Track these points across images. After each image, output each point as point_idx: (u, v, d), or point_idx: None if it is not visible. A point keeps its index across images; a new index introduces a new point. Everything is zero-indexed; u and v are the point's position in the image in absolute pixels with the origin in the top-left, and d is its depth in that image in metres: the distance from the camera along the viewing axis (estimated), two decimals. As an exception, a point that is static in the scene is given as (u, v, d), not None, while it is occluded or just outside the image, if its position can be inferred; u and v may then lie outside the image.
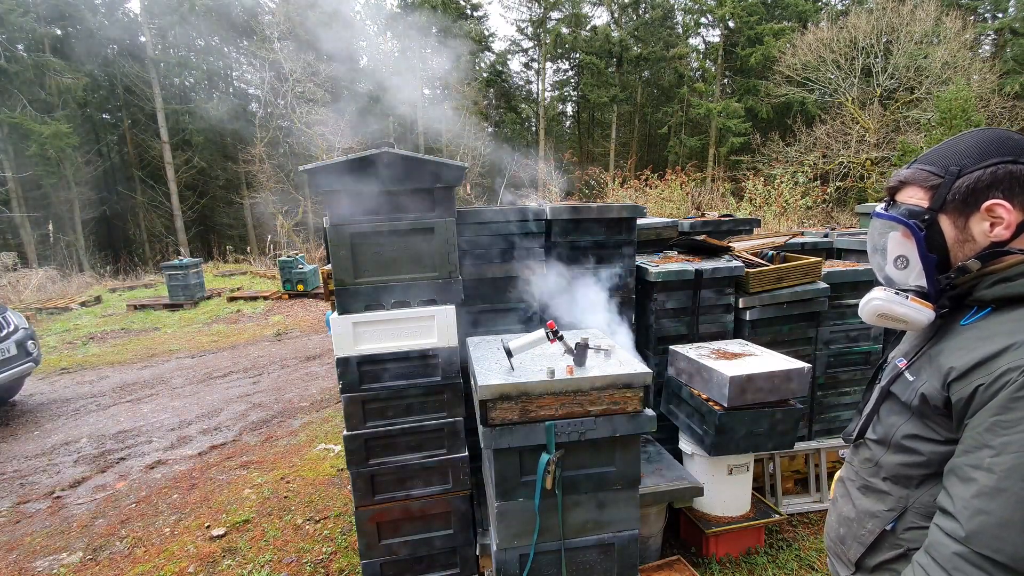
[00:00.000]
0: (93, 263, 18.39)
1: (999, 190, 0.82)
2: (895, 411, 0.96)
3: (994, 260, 0.84)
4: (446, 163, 1.99)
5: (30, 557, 2.87)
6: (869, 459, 1.02)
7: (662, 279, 2.72)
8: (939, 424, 0.88)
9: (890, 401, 0.98)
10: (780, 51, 18.94)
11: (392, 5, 26.01)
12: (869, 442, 1.03)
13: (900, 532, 0.94)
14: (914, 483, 0.92)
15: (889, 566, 0.96)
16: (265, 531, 2.99)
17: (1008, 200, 0.82)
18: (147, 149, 22.42)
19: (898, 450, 0.94)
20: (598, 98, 27.66)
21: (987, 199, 0.83)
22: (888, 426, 0.97)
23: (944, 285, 0.88)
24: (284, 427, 4.50)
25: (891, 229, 0.94)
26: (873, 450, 1.01)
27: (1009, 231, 0.83)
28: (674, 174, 12.63)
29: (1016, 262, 0.82)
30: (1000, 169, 0.82)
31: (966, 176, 0.84)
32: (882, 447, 0.98)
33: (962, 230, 0.87)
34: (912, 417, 0.92)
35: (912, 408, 0.91)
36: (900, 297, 0.91)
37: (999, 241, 0.84)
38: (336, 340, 2.02)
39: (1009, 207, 0.82)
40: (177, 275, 10.01)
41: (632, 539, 1.83)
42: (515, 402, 1.64)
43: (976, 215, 0.85)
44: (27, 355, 4.98)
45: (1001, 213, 0.83)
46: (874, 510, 0.98)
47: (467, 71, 25.56)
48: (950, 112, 12.18)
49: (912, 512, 0.93)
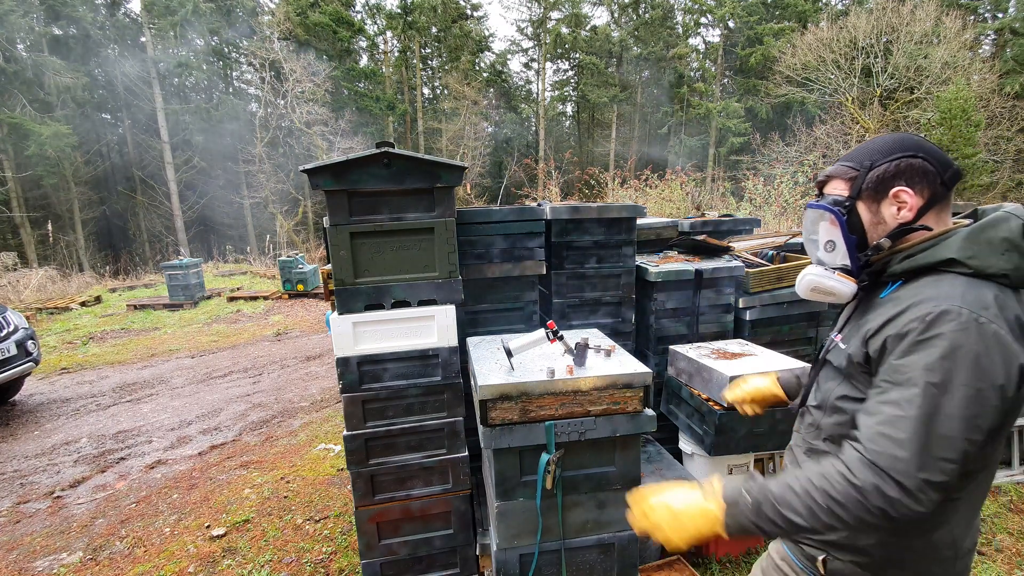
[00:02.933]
0: (93, 263, 18.41)
1: (903, 179, 0.98)
2: (830, 377, 1.09)
3: (902, 239, 0.99)
4: (446, 163, 1.99)
5: (30, 557, 2.87)
6: (812, 424, 1.13)
7: (662, 279, 2.72)
8: (861, 382, 1.00)
9: (827, 368, 1.11)
10: (780, 51, 18.94)
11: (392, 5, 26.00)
12: (811, 408, 1.14)
13: None
14: (844, 429, 1.04)
15: None
16: (265, 531, 2.99)
17: (910, 187, 0.98)
18: (147, 149, 22.42)
19: (833, 411, 1.06)
20: (598, 98, 27.65)
21: (893, 187, 0.99)
22: (825, 391, 1.10)
23: (864, 262, 1.03)
24: (284, 427, 4.50)
25: (821, 218, 1.08)
26: (814, 415, 1.12)
27: (912, 213, 0.98)
28: (674, 174, 12.63)
29: (918, 240, 0.98)
30: (903, 162, 0.98)
31: (877, 168, 1.00)
32: (820, 411, 1.10)
33: (875, 214, 1.02)
34: (843, 380, 1.05)
35: (842, 371, 1.05)
36: (829, 272, 1.06)
37: (905, 222, 0.99)
38: (336, 340, 2.02)
39: (911, 193, 0.98)
40: (177, 275, 10.01)
41: (632, 539, 1.83)
42: (515, 402, 1.64)
43: (885, 201, 1.00)
44: (27, 355, 4.98)
45: (905, 198, 0.98)
46: (809, 461, 1.09)
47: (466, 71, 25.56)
48: (950, 112, 12.19)
49: None
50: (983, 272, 0.89)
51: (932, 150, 0.98)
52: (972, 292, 0.88)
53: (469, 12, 28.10)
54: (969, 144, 12.33)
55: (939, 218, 0.99)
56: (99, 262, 18.13)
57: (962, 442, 0.83)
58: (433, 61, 29.42)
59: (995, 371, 0.83)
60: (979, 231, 0.92)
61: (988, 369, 0.83)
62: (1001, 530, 2.68)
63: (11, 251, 14.23)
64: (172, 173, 21.19)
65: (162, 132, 20.79)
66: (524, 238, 2.43)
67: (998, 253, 0.89)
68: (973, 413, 0.83)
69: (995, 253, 0.90)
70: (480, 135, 26.02)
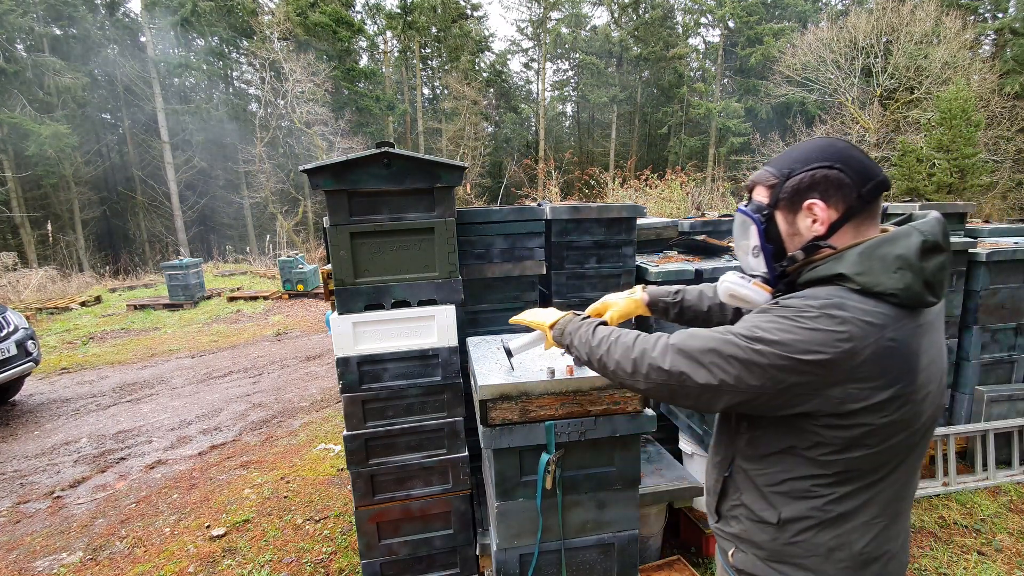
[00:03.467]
0: (93, 263, 18.41)
1: (817, 192, 0.95)
2: None
3: (815, 252, 0.97)
4: (446, 163, 1.99)
5: (30, 557, 2.87)
6: (716, 419, 1.18)
7: (662, 279, 2.72)
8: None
9: None
10: (780, 51, 18.95)
11: (392, 5, 26.00)
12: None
13: (734, 476, 1.09)
14: (736, 430, 1.08)
15: (734, 512, 1.09)
16: (265, 531, 2.99)
17: (823, 200, 0.94)
18: (147, 149, 22.42)
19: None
20: (598, 98, 27.66)
21: (807, 199, 0.96)
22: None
23: (780, 272, 1.03)
24: (284, 427, 4.50)
25: (748, 224, 1.06)
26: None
27: (824, 227, 0.95)
28: (674, 174, 12.63)
29: (826, 255, 0.95)
30: (818, 173, 0.94)
31: (793, 178, 0.97)
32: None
33: (791, 225, 0.99)
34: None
35: None
36: (744, 280, 1.08)
37: (817, 236, 0.96)
38: (336, 340, 2.02)
39: (824, 207, 0.94)
40: (177, 275, 10.01)
41: (632, 539, 1.83)
42: (515, 402, 1.64)
43: (800, 212, 0.97)
44: (27, 355, 4.98)
45: (817, 212, 0.95)
46: (715, 461, 1.16)
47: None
48: (950, 112, 12.19)
49: (740, 457, 1.07)
50: (871, 290, 0.87)
51: (853, 161, 0.94)
52: (850, 300, 0.87)
53: (469, 12, 28.10)
54: (969, 144, 12.33)
55: (858, 231, 0.95)
56: (99, 262, 18.13)
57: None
58: (433, 61, 29.43)
59: (796, 342, 0.86)
60: (875, 246, 0.89)
61: (789, 336, 0.86)
62: (1001, 530, 2.68)
63: (11, 251, 14.24)
64: (172, 173, 21.20)
65: (162, 132, 20.80)
66: (524, 238, 2.43)
67: (890, 271, 0.87)
68: (732, 355, 0.91)
69: (887, 271, 0.87)
70: (480, 135, 26.03)
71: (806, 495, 0.96)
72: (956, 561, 2.47)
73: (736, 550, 1.10)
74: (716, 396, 0.94)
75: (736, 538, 1.09)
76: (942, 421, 3.30)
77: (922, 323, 0.90)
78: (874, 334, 0.85)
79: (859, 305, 0.87)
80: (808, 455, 0.94)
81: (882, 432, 0.89)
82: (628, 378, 1.06)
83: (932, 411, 0.94)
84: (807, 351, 0.85)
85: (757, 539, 1.04)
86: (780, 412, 0.93)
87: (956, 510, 2.85)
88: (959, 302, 3.18)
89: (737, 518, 1.08)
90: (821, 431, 0.91)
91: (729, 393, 0.92)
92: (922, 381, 0.89)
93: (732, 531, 1.09)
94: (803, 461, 0.95)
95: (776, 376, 0.88)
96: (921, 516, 2.80)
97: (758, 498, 1.03)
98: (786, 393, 0.89)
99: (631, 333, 1.11)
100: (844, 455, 0.91)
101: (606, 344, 1.12)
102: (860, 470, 0.93)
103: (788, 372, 0.87)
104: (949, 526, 2.72)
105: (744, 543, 1.07)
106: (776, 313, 0.91)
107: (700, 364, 0.94)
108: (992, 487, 3.03)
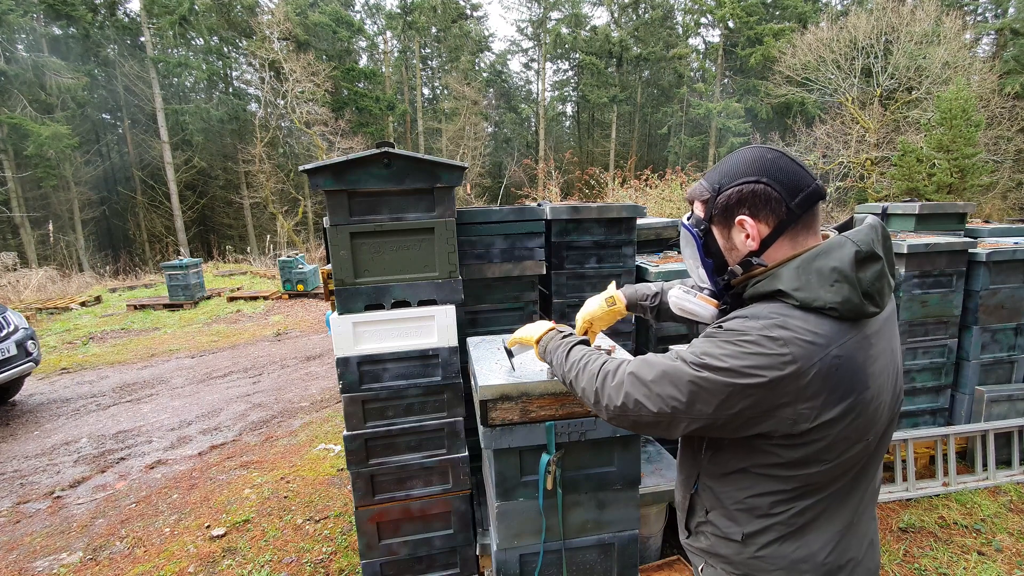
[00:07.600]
0: (93, 263, 18.40)
1: (745, 207, 0.93)
2: None
3: (750, 268, 0.96)
4: (446, 163, 1.99)
5: (30, 557, 2.87)
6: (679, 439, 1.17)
7: (662, 279, 2.72)
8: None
9: None
10: (780, 51, 18.93)
11: (392, 5, 26.00)
12: None
13: (700, 493, 1.09)
14: (699, 449, 1.08)
15: (702, 528, 1.10)
16: (265, 531, 2.99)
17: (752, 216, 0.93)
18: (147, 149, 22.42)
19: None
20: (598, 98, 27.66)
21: (736, 215, 0.94)
22: None
23: (722, 285, 1.03)
24: (284, 427, 4.50)
25: (689, 238, 1.05)
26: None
27: (755, 243, 0.94)
28: (674, 174, 12.63)
29: (759, 272, 0.94)
30: (746, 188, 0.92)
31: (723, 194, 0.95)
32: None
33: (727, 239, 0.99)
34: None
35: None
36: (690, 295, 1.09)
37: (752, 251, 0.95)
38: (336, 340, 2.02)
39: (753, 222, 0.93)
40: (177, 275, 10.01)
41: (632, 539, 1.83)
42: (515, 402, 1.64)
43: (733, 228, 0.96)
44: (27, 355, 4.98)
45: (748, 228, 0.94)
46: (682, 478, 1.16)
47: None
48: (950, 112, 12.17)
49: (704, 475, 1.07)
50: (809, 305, 0.86)
51: (781, 173, 0.91)
52: (792, 319, 0.86)
53: (469, 12, 28.11)
54: (969, 144, 12.32)
55: (796, 243, 0.93)
56: (99, 262, 18.12)
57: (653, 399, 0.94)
58: (433, 61, 29.44)
59: (742, 364, 0.85)
60: (811, 259, 0.88)
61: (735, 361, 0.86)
62: (1001, 530, 2.68)
63: (11, 251, 14.24)
64: (172, 173, 21.20)
65: (162, 132, 20.80)
66: (524, 238, 2.43)
67: (827, 284, 0.85)
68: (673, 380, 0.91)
69: (823, 284, 0.85)
70: (480, 135, 26.03)
71: (768, 512, 0.96)
72: (956, 561, 2.47)
73: (706, 565, 1.10)
74: (673, 423, 0.94)
75: (705, 553, 1.10)
76: (942, 421, 3.30)
77: (868, 334, 0.88)
78: (818, 353, 0.84)
79: (800, 324, 0.85)
80: (767, 473, 0.94)
81: (837, 447, 0.89)
82: (593, 407, 1.06)
83: (887, 418, 0.94)
84: (751, 375, 0.85)
85: (724, 553, 1.04)
86: (738, 434, 0.93)
87: (956, 510, 2.85)
88: (959, 302, 3.18)
89: (704, 534, 1.09)
90: (777, 450, 0.91)
91: (685, 420, 0.92)
92: (874, 392, 0.88)
93: (701, 546, 1.10)
94: (763, 478, 0.95)
95: (725, 402, 0.87)
96: (921, 516, 2.80)
97: (723, 515, 1.03)
98: (739, 417, 0.88)
99: (598, 359, 1.09)
100: (802, 471, 0.91)
101: (575, 370, 1.13)
102: (818, 484, 0.93)
103: (736, 397, 0.86)
104: (949, 526, 2.72)
105: (713, 558, 1.08)
106: (721, 338, 0.90)
107: (653, 393, 0.94)
108: (992, 487, 3.03)
